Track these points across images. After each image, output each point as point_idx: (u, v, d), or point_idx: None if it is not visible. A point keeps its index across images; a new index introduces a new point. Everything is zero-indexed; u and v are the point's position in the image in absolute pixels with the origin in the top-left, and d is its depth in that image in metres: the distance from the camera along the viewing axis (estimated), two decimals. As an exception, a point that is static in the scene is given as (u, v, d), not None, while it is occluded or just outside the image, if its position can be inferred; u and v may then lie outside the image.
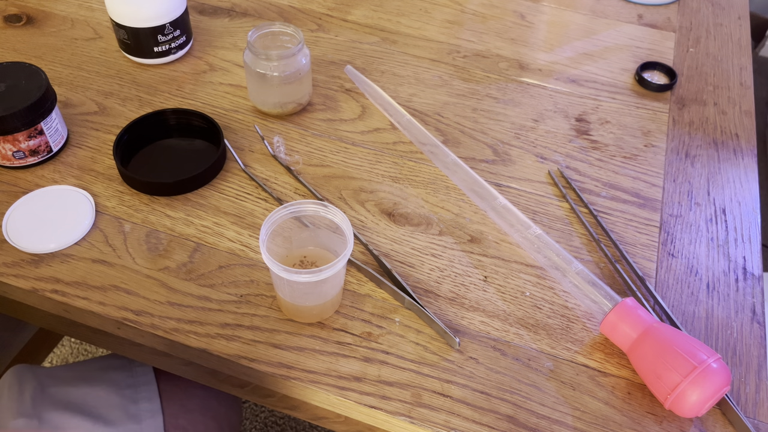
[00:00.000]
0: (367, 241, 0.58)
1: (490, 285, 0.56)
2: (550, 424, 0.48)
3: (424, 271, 0.57)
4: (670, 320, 0.54)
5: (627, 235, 0.61)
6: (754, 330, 0.55)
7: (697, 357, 0.45)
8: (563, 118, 0.72)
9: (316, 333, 0.52)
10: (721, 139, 0.72)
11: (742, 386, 0.51)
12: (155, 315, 0.52)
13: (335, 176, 0.64)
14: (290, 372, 0.49)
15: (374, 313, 0.53)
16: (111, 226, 0.58)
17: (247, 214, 0.60)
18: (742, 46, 0.85)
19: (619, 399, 0.49)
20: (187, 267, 0.55)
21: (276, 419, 1.23)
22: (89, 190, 0.61)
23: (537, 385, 0.50)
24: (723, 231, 0.62)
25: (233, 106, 0.71)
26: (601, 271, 0.57)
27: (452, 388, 0.49)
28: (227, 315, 0.52)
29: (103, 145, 0.65)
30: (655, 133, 0.71)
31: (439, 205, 0.62)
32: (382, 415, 0.48)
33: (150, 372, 0.66)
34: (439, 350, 0.51)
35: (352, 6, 0.87)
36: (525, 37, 0.84)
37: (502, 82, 0.76)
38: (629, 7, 0.90)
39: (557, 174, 0.66)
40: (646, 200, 0.64)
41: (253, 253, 0.57)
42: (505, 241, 0.59)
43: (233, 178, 0.63)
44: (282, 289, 0.50)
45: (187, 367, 0.55)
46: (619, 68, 0.79)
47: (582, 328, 0.54)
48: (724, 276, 0.58)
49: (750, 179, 0.67)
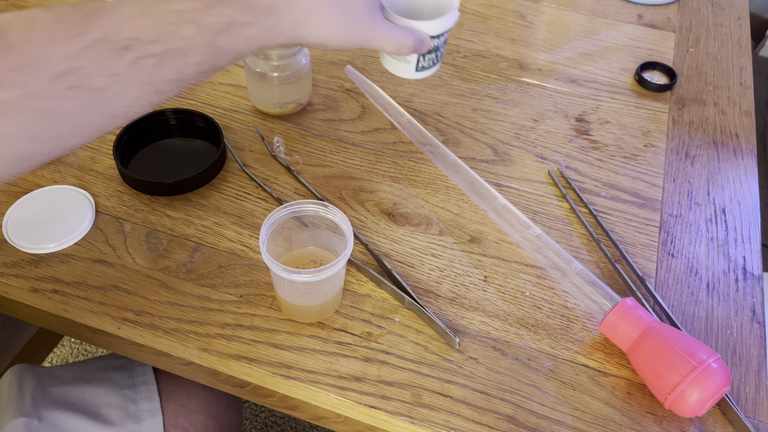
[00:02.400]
0: (367, 241, 0.58)
1: (490, 285, 0.56)
2: (550, 424, 0.48)
3: (424, 271, 0.57)
4: (670, 320, 0.54)
5: (627, 235, 0.61)
6: (754, 330, 0.55)
7: (697, 357, 0.45)
8: (563, 118, 0.72)
9: (316, 333, 0.52)
10: (721, 139, 0.72)
11: (742, 386, 0.51)
12: (155, 315, 0.52)
13: (335, 176, 0.64)
14: (290, 372, 0.49)
15: (374, 313, 0.53)
16: (111, 226, 0.58)
17: (247, 214, 0.60)
18: (742, 46, 0.85)
19: (619, 399, 0.49)
20: (187, 267, 0.55)
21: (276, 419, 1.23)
22: (89, 190, 0.61)
23: (537, 385, 0.50)
24: (723, 231, 0.62)
25: (233, 106, 0.71)
26: (601, 271, 0.58)
27: (452, 388, 0.49)
28: (227, 315, 0.52)
29: (103, 144, 0.65)
30: (655, 133, 0.71)
31: (439, 205, 0.62)
32: (382, 415, 0.48)
33: (150, 372, 0.66)
34: (439, 350, 0.51)
35: (352, 6, 0.86)
36: (525, 37, 0.84)
37: (502, 82, 0.77)
38: (629, 7, 0.90)
39: (557, 174, 0.66)
40: (646, 200, 0.64)
41: (253, 253, 0.57)
42: (505, 241, 0.59)
43: (233, 178, 0.63)
44: (282, 289, 0.50)
45: (187, 367, 0.55)
46: (619, 68, 0.79)
47: (582, 328, 0.54)
48: (724, 276, 0.58)
49: (750, 179, 0.67)
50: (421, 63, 0.61)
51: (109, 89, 0.35)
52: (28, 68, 0.33)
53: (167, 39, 0.37)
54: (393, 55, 0.62)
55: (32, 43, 0.33)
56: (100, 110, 0.36)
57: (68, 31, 0.34)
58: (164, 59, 0.37)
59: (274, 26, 0.41)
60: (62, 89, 0.34)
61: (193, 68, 0.39)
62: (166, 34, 0.37)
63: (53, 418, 0.60)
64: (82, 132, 0.37)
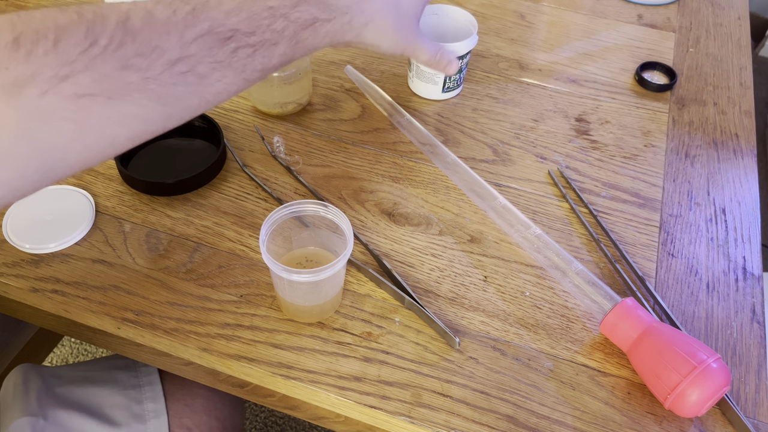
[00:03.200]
0: (367, 241, 0.58)
1: (490, 285, 0.56)
2: (550, 424, 0.48)
3: (424, 271, 0.57)
4: (670, 320, 0.54)
5: (627, 235, 0.61)
6: (754, 330, 0.55)
7: (697, 357, 0.45)
8: (563, 118, 0.72)
9: (316, 333, 0.52)
10: (720, 139, 0.72)
11: (741, 386, 0.51)
12: (155, 315, 0.52)
13: (335, 176, 0.64)
14: (290, 372, 0.49)
15: (374, 313, 0.53)
16: (111, 226, 0.58)
17: (247, 214, 0.60)
18: (742, 46, 0.85)
19: (619, 399, 0.49)
20: (187, 267, 0.55)
21: (276, 419, 1.23)
22: (89, 190, 0.61)
23: (537, 385, 0.50)
24: (723, 231, 0.62)
25: (233, 106, 0.71)
26: (601, 271, 0.58)
27: (452, 388, 0.49)
28: (227, 315, 0.52)
29: (103, 145, 0.65)
30: (654, 133, 0.71)
31: (439, 205, 0.62)
32: (382, 415, 0.48)
33: (154, 372, 0.66)
34: (439, 350, 0.51)
35: (352, 6, 0.86)
36: (525, 37, 0.84)
37: (502, 82, 0.77)
38: (629, 7, 0.90)
39: (557, 174, 0.66)
40: (646, 200, 0.64)
41: (253, 253, 0.57)
42: (505, 241, 0.59)
43: (233, 178, 0.63)
44: (282, 289, 0.50)
45: (187, 367, 0.55)
46: (618, 68, 0.79)
47: (582, 328, 0.54)
48: (724, 276, 0.58)
49: (750, 179, 0.67)
50: (447, 84, 0.69)
51: (210, 75, 0.39)
52: (150, 54, 0.36)
53: (262, 32, 0.41)
54: (421, 78, 0.71)
55: (154, 32, 0.37)
56: (199, 95, 0.40)
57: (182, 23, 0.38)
58: (257, 49, 0.41)
59: (347, 24, 0.47)
60: (175, 74, 0.37)
61: (278, 59, 0.43)
62: (261, 27, 0.41)
63: (58, 417, 0.60)
64: (182, 115, 0.40)
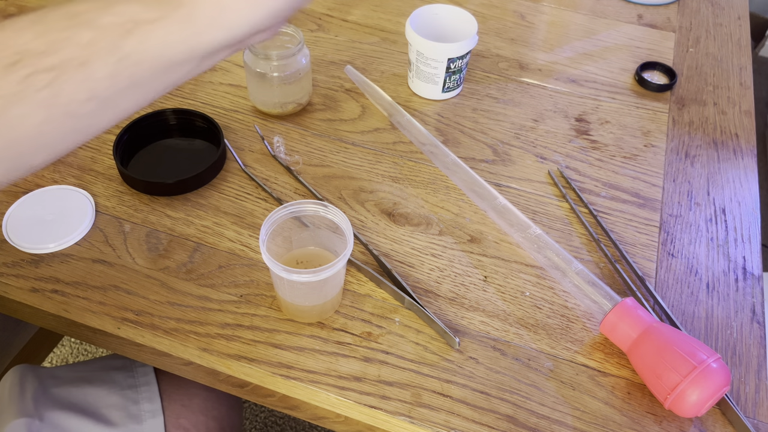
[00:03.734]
0: (367, 241, 0.58)
1: (490, 285, 0.56)
2: (550, 424, 0.48)
3: (423, 271, 0.57)
4: (669, 320, 0.54)
5: (627, 235, 0.61)
6: (754, 330, 0.55)
7: (697, 357, 0.45)
8: (563, 118, 0.72)
9: (316, 333, 0.52)
10: (720, 139, 0.72)
11: (741, 386, 0.51)
12: (155, 315, 0.52)
13: (335, 176, 0.64)
14: (290, 372, 0.49)
15: (374, 313, 0.53)
16: (111, 226, 0.58)
17: (247, 214, 0.60)
18: (742, 46, 0.85)
19: (619, 399, 0.49)
20: (187, 267, 0.55)
21: (276, 419, 1.23)
22: (89, 190, 0.61)
23: (537, 385, 0.50)
24: (723, 231, 0.62)
25: (233, 106, 0.71)
26: (601, 271, 0.58)
27: (452, 388, 0.49)
28: (227, 315, 0.52)
29: (103, 144, 0.65)
30: (654, 133, 0.71)
31: (439, 205, 0.62)
32: (382, 414, 0.48)
33: (151, 372, 0.66)
34: (439, 350, 0.51)
35: (352, 6, 0.87)
36: (525, 37, 0.84)
37: (502, 82, 0.77)
38: (629, 7, 0.90)
39: (557, 174, 0.66)
40: (645, 200, 0.64)
41: (253, 253, 0.57)
42: (505, 241, 0.59)
43: (233, 178, 0.63)
44: (282, 289, 0.50)
45: (187, 367, 0.55)
46: (618, 68, 0.79)
47: (582, 328, 0.54)
48: (724, 276, 0.58)
49: (750, 179, 0.67)
50: (447, 84, 0.69)
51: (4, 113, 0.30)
52: None
53: (60, 48, 0.31)
54: (421, 78, 0.71)
55: None
56: None
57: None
58: (62, 73, 0.31)
59: (188, 20, 0.33)
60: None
61: (107, 84, 0.32)
62: (57, 42, 0.31)
63: (54, 418, 0.60)
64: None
